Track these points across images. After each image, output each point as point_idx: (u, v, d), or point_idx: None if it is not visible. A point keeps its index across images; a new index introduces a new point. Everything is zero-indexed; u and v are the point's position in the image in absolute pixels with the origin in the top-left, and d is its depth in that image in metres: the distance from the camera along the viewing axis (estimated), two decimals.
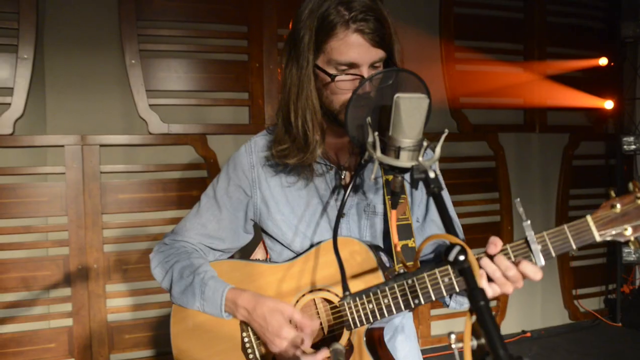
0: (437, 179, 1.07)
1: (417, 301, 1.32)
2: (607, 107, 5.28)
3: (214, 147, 4.02)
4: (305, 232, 1.56)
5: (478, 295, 0.86)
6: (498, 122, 5.07)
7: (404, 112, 1.12)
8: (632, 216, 1.17)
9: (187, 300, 1.55)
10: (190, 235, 1.63)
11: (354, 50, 1.35)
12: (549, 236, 1.22)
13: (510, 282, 1.23)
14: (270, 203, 1.58)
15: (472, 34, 4.87)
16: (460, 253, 0.90)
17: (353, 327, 1.41)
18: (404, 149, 1.14)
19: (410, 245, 1.46)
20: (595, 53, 5.27)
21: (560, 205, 5.32)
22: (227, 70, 4.09)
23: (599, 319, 5.40)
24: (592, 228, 1.19)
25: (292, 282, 1.51)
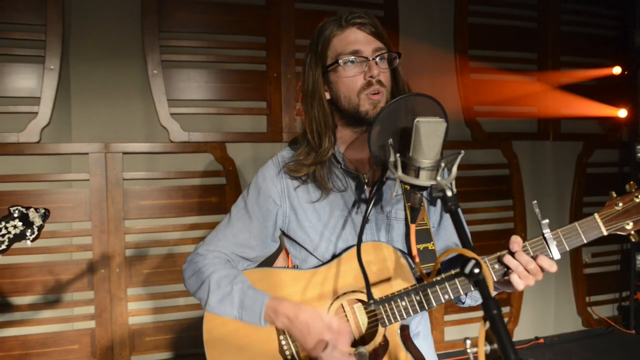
0: (454, 196, 1.16)
1: (447, 297, 1.48)
2: (621, 115, 5.31)
3: (233, 154, 4.13)
4: (330, 237, 1.66)
5: (491, 305, 0.95)
6: (512, 130, 5.12)
7: (424, 136, 1.22)
8: (632, 212, 1.40)
9: (224, 309, 1.63)
10: (222, 245, 1.72)
11: (355, 39, 1.54)
12: (562, 232, 1.42)
13: (531, 275, 1.40)
14: (298, 211, 1.68)
15: (486, 43, 4.94)
16: (475, 266, 0.99)
17: (388, 323, 1.54)
18: (424, 169, 1.25)
19: (430, 247, 1.58)
20: (609, 62, 5.31)
21: (574, 212, 5.35)
22: (246, 80, 4.19)
23: (613, 326, 5.42)
24: (599, 224, 1.41)
25: (324, 286, 1.62)
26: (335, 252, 1.66)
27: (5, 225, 1.96)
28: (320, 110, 1.61)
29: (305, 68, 1.64)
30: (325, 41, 1.57)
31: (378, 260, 1.57)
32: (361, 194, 1.67)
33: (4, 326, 3.65)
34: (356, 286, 1.59)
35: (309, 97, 1.62)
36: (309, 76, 1.62)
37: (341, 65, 1.54)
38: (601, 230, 1.41)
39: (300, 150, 1.67)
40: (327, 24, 1.58)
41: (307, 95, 1.63)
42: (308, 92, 1.63)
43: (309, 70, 1.61)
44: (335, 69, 1.56)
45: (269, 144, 4.23)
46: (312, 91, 1.61)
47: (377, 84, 1.54)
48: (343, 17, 1.55)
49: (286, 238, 1.78)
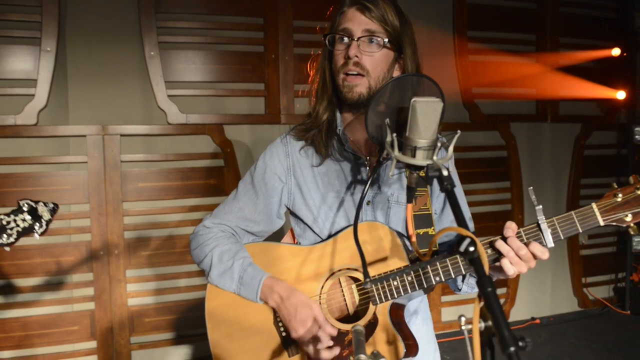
0: (449, 176, 1.17)
1: (438, 278, 1.49)
2: (619, 97, 5.30)
3: (231, 136, 4.13)
4: (328, 212, 1.70)
5: (486, 283, 0.96)
6: (510, 112, 5.11)
7: (420, 115, 1.23)
8: (632, 204, 1.37)
9: (224, 282, 1.68)
10: (228, 218, 1.76)
11: (350, 18, 1.59)
12: (558, 221, 1.41)
13: (523, 261, 1.40)
14: (303, 188, 1.72)
15: (485, 24, 4.91)
16: (470, 244, 1.00)
17: (379, 301, 1.56)
18: (420, 149, 1.25)
19: (431, 232, 1.60)
20: (608, 43, 5.28)
21: (571, 194, 5.37)
22: (244, 62, 4.18)
23: (608, 307, 5.48)
24: (596, 214, 1.39)
25: (321, 262, 1.65)
26: (333, 227, 1.70)
27: (14, 218, 2.00)
28: (321, 79, 1.68)
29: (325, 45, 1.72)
30: (335, 16, 1.63)
31: (373, 240, 1.59)
32: (358, 175, 1.70)
33: (5, 308, 3.68)
34: (352, 264, 1.62)
35: (319, 68, 1.70)
36: (324, 48, 1.68)
37: (330, 41, 1.61)
38: (598, 221, 1.39)
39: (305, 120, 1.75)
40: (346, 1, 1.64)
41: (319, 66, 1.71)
42: (320, 62, 1.70)
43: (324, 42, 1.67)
44: (329, 43, 1.63)
45: (267, 125, 4.23)
46: (321, 61, 1.68)
47: (354, 65, 1.56)
48: None
49: (291, 215, 1.81)
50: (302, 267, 1.67)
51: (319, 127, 1.69)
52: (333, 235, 1.67)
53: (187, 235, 4.00)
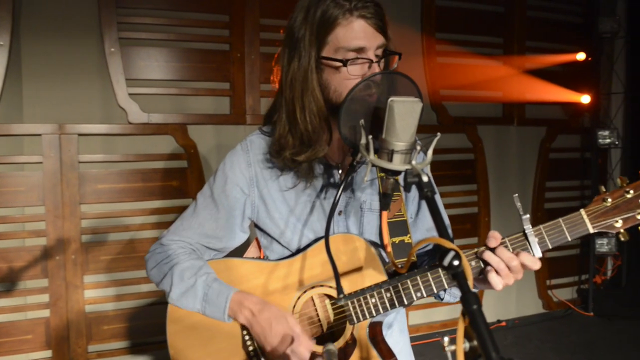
0: (430, 182, 1.10)
1: (420, 294, 1.40)
2: (583, 101, 5.36)
3: (195, 137, 4.00)
4: (296, 224, 1.58)
5: (471, 299, 0.89)
6: (477, 114, 5.12)
7: (398, 116, 1.14)
8: (622, 209, 1.29)
9: (187, 302, 1.55)
10: (187, 235, 1.63)
11: (361, 34, 1.39)
12: (545, 229, 1.32)
13: (512, 273, 1.31)
14: (268, 201, 1.59)
15: (453, 27, 4.90)
16: (454, 258, 0.92)
17: (356, 321, 1.45)
18: (397, 152, 1.16)
19: (407, 240, 1.50)
20: (574, 48, 5.34)
21: (536, 197, 5.41)
22: (208, 60, 4.05)
23: (572, 309, 5.53)
24: (585, 220, 1.30)
25: (291, 279, 1.54)
26: (302, 240, 1.59)
27: None
28: (313, 100, 1.45)
29: (297, 43, 1.45)
30: (328, 24, 1.39)
31: (347, 253, 1.48)
32: (330, 178, 1.59)
33: None
34: (325, 280, 1.51)
35: (299, 82, 1.45)
36: (304, 57, 1.43)
37: (345, 62, 1.40)
38: (587, 228, 1.30)
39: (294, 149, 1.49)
40: (330, 2, 1.40)
41: (296, 78, 1.45)
42: (299, 75, 1.45)
43: (303, 49, 1.43)
44: (335, 64, 1.41)
45: (232, 126, 4.11)
46: (305, 76, 1.43)
47: None
48: (350, 4, 1.38)
49: (256, 228, 1.69)
50: (271, 284, 1.55)
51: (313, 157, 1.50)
52: (304, 248, 1.56)
53: (148, 239, 3.86)
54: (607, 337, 4.92)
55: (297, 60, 1.44)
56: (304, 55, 1.43)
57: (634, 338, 4.87)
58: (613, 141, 5.42)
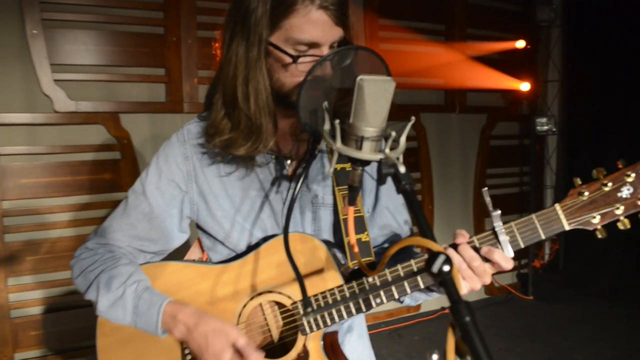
0: (408, 174, 0.96)
1: (379, 300, 1.27)
2: (523, 89, 5.43)
3: (128, 126, 3.75)
4: (243, 224, 1.42)
5: (462, 310, 0.78)
6: (420, 102, 5.08)
7: (368, 97, 0.98)
8: (600, 204, 1.19)
9: (116, 314, 1.37)
10: (117, 238, 1.44)
11: (318, 28, 1.22)
12: (517, 226, 1.21)
13: (476, 276, 1.19)
14: (208, 197, 1.43)
15: (395, 13, 4.82)
16: (445, 263, 0.81)
17: (309, 331, 1.31)
18: (368, 139, 1.01)
19: (364, 239, 1.36)
20: (513, 36, 5.39)
21: (477, 184, 5.45)
22: (142, 44, 3.80)
23: (513, 293, 5.63)
24: (561, 217, 1.20)
25: (235, 284, 1.37)
26: (251, 242, 1.43)
27: None
28: (260, 89, 1.29)
29: (245, 19, 1.26)
30: (285, 7, 1.23)
31: (298, 255, 1.33)
32: (280, 170, 1.43)
33: None
34: (275, 285, 1.36)
35: (243, 65, 1.28)
36: (252, 38, 1.26)
37: (295, 58, 1.24)
38: (563, 225, 1.19)
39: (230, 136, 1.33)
40: None
41: (240, 61, 1.28)
42: (243, 58, 1.28)
43: (252, 28, 1.25)
44: (284, 57, 1.26)
45: (169, 114, 3.88)
46: (251, 60, 1.27)
47: None
48: None
49: (197, 228, 1.52)
50: (214, 290, 1.39)
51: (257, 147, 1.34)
52: (251, 250, 1.40)
53: (77, 236, 3.60)
54: (546, 320, 5.04)
55: (245, 41, 1.27)
56: (252, 37, 1.26)
57: (572, 319, 5.01)
58: (550, 128, 5.54)
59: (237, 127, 1.32)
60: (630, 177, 1.17)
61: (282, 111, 1.35)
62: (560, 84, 5.82)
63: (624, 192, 1.18)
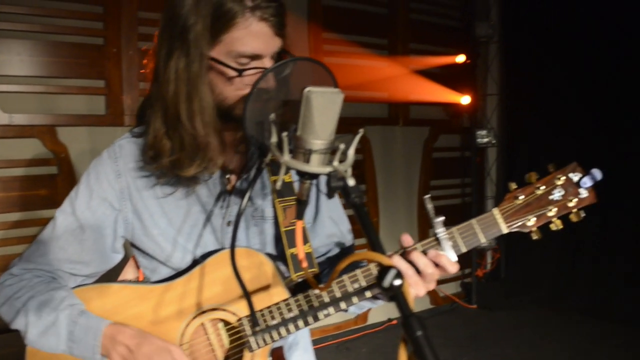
0: (357, 187, 0.96)
1: (327, 313, 1.26)
2: (463, 102, 5.58)
3: (65, 140, 3.61)
4: (185, 245, 1.37)
5: (414, 324, 0.77)
6: (364, 115, 5.14)
7: (316, 109, 0.98)
8: (534, 206, 1.23)
9: (48, 343, 1.29)
10: (45, 262, 1.36)
11: (259, 40, 1.21)
12: (458, 231, 1.23)
13: (423, 282, 1.19)
14: (144, 216, 1.37)
15: (340, 26, 4.87)
16: (396, 277, 0.80)
17: (256, 347, 1.28)
18: (316, 152, 1.00)
19: (306, 250, 1.35)
20: (454, 50, 5.54)
21: (421, 195, 5.53)
22: (80, 55, 3.68)
23: (457, 303, 5.73)
24: (499, 220, 1.23)
25: (178, 304, 1.32)
26: (191, 257, 1.39)
27: None
28: (204, 106, 1.24)
29: (184, 34, 1.22)
30: (225, 20, 1.20)
31: (247, 270, 1.30)
32: (223, 184, 1.39)
33: None
34: (217, 302, 1.32)
35: (184, 82, 1.23)
36: (193, 54, 1.21)
37: (240, 71, 1.22)
38: (501, 228, 1.22)
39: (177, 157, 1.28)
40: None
41: (181, 77, 1.23)
42: (184, 74, 1.23)
43: (192, 44, 1.21)
44: (227, 71, 1.23)
45: (109, 128, 3.77)
46: (193, 76, 1.23)
47: None
48: (252, 2, 1.19)
49: (132, 246, 1.46)
50: (155, 311, 1.33)
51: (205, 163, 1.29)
52: (190, 269, 1.35)
53: (10, 255, 3.42)
54: (490, 327, 5.16)
55: (185, 57, 1.23)
56: (193, 52, 1.22)
57: (514, 327, 5.15)
58: (490, 140, 5.71)
59: (181, 147, 1.27)
60: (561, 180, 1.23)
61: (222, 125, 1.31)
62: (498, 98, 6.01)
63: (556, 194, 1.23)
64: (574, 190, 1.23)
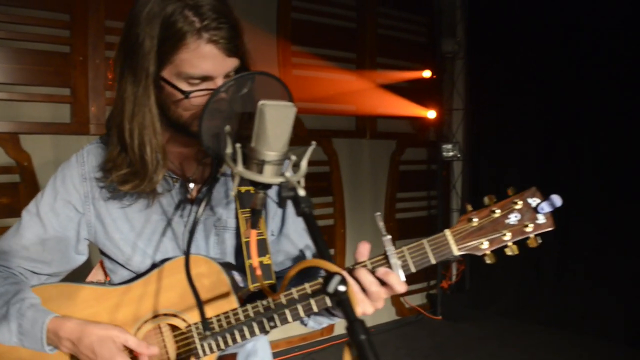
0: (307, 197, 0.98)
1: (273, 324, 1.26)
2: (429, 116, 5.69)
3: (29, 148, 3.57)
4: (145, 250, 1.39)
5: (358, 329, 0.80)
6: (332, 127, 5.19)
7: (269, 122, 1.01)
8: (488, 230, 1.20)
9: (2, 336, 1.31)
10: (7, 258, 1.39)
11: (208, 62, 1.21)
12: (408, 251, 1.21)
13: (369, 300, 1.18)
14: (106, 220, 1.39)
15: (308, 40, 4.93)
16: (340, 283, 0.83)
17: (202, 354, 1.29)
18: (269, 163, 1.03)
19: (265, 262, 1.35)
20: (420, 66, 5.66)
21: (388, 208, 5.61)
22: (46, 63, 3.64)
23: (422, 314, 5.80)
24: (450, 242, 1.20)
25: (133, 307, 1.34)
26: (151, 261, 1.40)
27: None
28: (146, 128, 1.26)
29: (134, 52, 1.23)
30: (174, 41, 1.20)
31: (201, 277, 1.31)
32: (185, 193, 1.41)
33: None
34: (169, 308, 1.33)
35: (130, 101, 1.25)
36: (139, 73, 1.22)
37: (187, 94, 1.23)
38: (452, 250, 1.19)
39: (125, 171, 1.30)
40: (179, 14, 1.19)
41: (126, 97, 1.25)
42: (130, 94, 1.25)
43: (140, 62, 1.22)
44: (176, 93, 1.24)
45: (74, 136, 3.73)
46: (137, 97, 1.24)
47: None
48: (199, 20, 1.19)
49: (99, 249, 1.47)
50: (110, 313, 1.34)
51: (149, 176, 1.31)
52: (148, 273, 1.36)
53: None
54: (454, 339, 5.22)
55: (132, 76, 1.24)
56: (139, 72, 1.23)
57: (478, 337, 5.23)
58: (456, 154, 5.81)
59: (129, 163, 1.30)
60: (518, 205, 1.20)
61: (183, 137, 1.34)
62: (464, 112, 6.14)
63: (512, 218, 1.20)
64: (531, 216, 1.20)
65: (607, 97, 4.95)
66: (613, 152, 4.99)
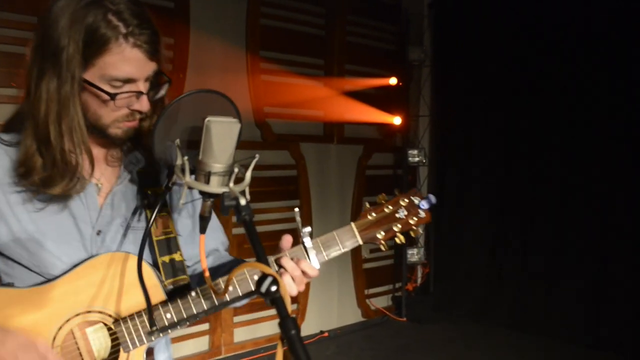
0: (248, 205, 1.08)
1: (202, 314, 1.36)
2: (395, 122, 5.82)
3: None
4: (53, 251, 1.37)
5: (289, 324, 0.90)
6: (300, 132, 5.28)
7: (215, 137, 1.11)
8: (383, 222, 1.46)
9: None
10: None
11: (132, 65, 1.28)
12: (321, 241, 1.42)
13: (294, 284, 1.36)
14: (9, 219, 1.36)
15: (277, 46, 5.01)
16: (272, 284, 0.93)
17: (132, 347, 1.34)
18: (215, 174, 1.13)
19: (178, 259, 1.45)
20: (387, 73, 5.79)
21: (354, 212, 5.71)
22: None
23: (387, 316, 5.91)
24: (355, 233, 1.43)
25: (51, 307, 1.33)
26: (63, 268, 1.38)
27: None
28: (75, 128, 1.29)
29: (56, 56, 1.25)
30: (98, 46, 1.24)
31: (116, 275, 1.35)
32: (94, 197, 1.42)
33: None
34: (92, 306, 1.35)
35: (55, 103, 1.27)
36: (64, 76, 1.25)
37: (113, 96, 1.27)
38: (357, 240, 1.44)
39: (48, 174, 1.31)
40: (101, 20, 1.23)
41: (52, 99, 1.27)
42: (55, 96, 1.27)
43: (64, 66, 1.25)
44: (101, 94, 1.28)
45: None
46: (64, 99, 1.26)
47: (139, 114, 1.34)
48: (124, 25, 1.24)
49: None
50: (26, 315, 1.32)
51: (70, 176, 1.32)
52: (64, 274, 1.35)
53: None
54: (419, 340, 5.35)
55: (56, 78, 1.27)
56: (64, 74, 1.26)
57: (442, 339, 5.37)
58: (421, 160, 5.97)
59: (52, 165, 1.31)
60: (404, 202, 1.48)
61: (98, 138, 1.38)
62: (429, 119, 6.30)
63: (400, 213, 1.47)
64: (414, 211, 1.47)
65: (568, 103, 5.17)
66: (572, 156, 5.19)
